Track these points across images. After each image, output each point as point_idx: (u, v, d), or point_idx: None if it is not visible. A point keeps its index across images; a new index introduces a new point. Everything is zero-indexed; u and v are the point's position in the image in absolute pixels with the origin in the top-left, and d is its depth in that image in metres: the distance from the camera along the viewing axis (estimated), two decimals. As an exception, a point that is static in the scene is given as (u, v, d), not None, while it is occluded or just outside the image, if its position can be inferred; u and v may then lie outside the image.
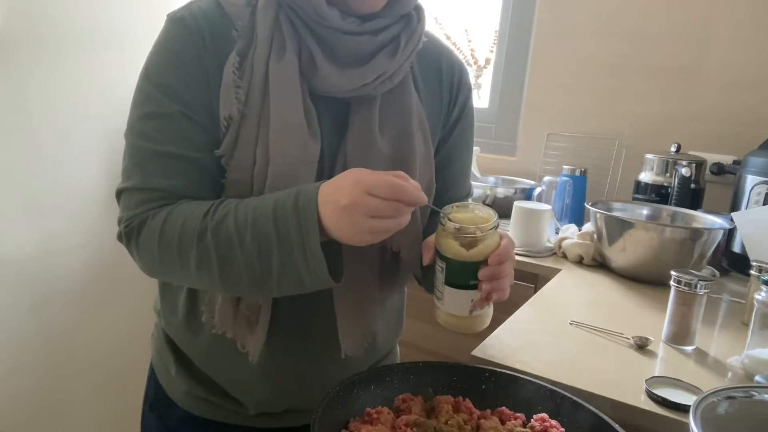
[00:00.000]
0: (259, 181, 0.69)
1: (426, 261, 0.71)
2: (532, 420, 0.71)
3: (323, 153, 0.73)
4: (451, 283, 0.68)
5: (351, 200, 0.60)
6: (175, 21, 0.70)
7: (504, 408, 0.73)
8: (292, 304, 0.74)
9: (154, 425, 0.89)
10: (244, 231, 0.64)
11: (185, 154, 0.69)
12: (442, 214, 0.67)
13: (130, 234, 0.70)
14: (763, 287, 0.89)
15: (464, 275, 0.67)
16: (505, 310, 1.10)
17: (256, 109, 0.69)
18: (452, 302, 0.69)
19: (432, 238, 0.71)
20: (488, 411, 0.73)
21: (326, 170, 0.74)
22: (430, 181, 0.80)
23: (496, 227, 0.68)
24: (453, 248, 0.66)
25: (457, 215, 0.68)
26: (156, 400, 0.89)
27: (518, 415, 0.72)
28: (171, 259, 0.67)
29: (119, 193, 0.72)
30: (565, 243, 1.50)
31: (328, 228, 0.62)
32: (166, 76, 0.70)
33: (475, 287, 0.67)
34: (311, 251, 0.62)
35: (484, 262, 0.66)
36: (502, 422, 0.71)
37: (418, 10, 0.76)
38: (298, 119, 0.69)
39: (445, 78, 0.84)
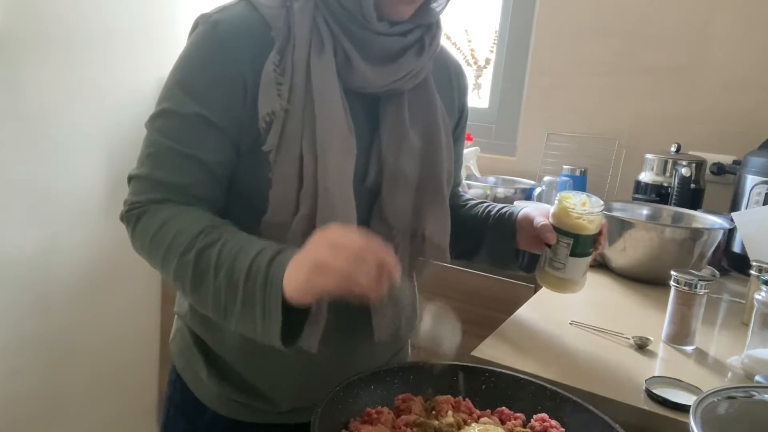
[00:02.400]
0: (310, 175, 0.71)
1: (552, 241, 0.83)
2: (532, 420, 0.71)
3: (357, 147, 0.75)
4: (575, 254, 0.83)
5: (324, 232, 0.62)
6: (208, 24, 0.72)
7: (504, 408, 0.73)
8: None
9: (182, 429, 0.89)
10: (222, 264, 0.65)
11: (195, 154, 0.71)
12: (565, 202, 0.84)
13: (129, 219, 0.73)
14: (763, 287, 0.89)
15: (587, 246, 0.83)
16: (505, 310, 1.10)
17: (300, 105, 0.71)
18: (574, 270, 0.84)
19: (544, 223, 0.84)
20: (488, 411, 0.73)
21: (360, 164, 0.76)
22: (450, 172, 0.85)
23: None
24: (582, 227, 0.82)
25: (574, 200, 0.84)
26: (183, 404, 0.88)
27: (518, 415, 0.72)
28: (156, 260, 0.71)
29: (130, 178, 0.75)
30: (565, 243, 1.49)
31: (289, 269, 0.61)
32: (190, 76, 0.72)
33: (590, 254, 0.85)
34: (271, 311, 0.62)
35: (600, 232, 0.84)
36: (502, 422, 0.71)
37: (438, 20, 0.83)
38: (339, 114, 0.73)
39: (453, 81, 0.90)
